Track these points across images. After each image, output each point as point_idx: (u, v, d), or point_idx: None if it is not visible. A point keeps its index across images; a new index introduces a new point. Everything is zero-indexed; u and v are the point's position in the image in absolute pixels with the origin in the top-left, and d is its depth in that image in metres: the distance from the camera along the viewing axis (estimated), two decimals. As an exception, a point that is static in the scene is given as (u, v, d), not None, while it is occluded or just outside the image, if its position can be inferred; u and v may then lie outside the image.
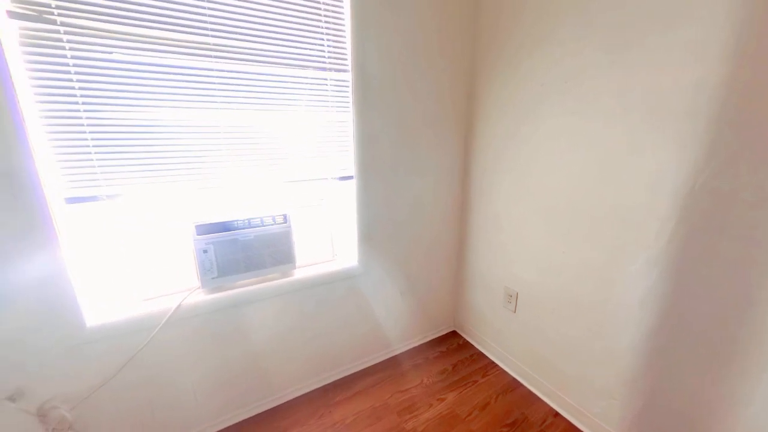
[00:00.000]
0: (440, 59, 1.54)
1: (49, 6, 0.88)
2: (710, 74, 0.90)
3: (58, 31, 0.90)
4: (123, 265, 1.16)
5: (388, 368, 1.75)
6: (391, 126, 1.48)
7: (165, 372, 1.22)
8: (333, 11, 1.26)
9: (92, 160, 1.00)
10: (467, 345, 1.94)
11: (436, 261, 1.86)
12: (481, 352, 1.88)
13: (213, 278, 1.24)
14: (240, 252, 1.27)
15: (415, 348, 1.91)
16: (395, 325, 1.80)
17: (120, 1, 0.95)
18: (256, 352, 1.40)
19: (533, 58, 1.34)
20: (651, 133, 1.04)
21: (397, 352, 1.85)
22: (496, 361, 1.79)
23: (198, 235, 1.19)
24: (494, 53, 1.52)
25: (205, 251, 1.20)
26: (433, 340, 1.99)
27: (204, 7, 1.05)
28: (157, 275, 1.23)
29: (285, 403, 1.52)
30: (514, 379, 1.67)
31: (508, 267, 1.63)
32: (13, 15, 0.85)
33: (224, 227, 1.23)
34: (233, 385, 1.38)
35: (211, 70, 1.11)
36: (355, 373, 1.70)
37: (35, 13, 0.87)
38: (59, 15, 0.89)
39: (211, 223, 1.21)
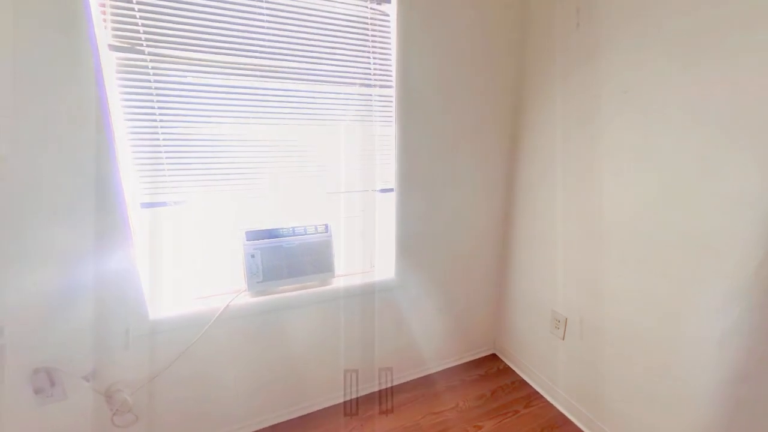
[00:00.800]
0: (484, 72, 1.51)
1: (139, 39, 1.03)
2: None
3: (145, 60, 1.04)
4: (181, 264, 1.27)
5: (422, 387, 1.69)
6: (433, 139, 1.48)
7: (211, 368, 1.30)
8: (380, 31, 1.32)
9: (164, 169, 1.13)
10: (508, 370, 1.82)
11: (475, 277, 1.79)
12: (523, 379, 1.75)
13: (258, 282, 1.31)
14: (284, 258, 1.33)
15: (450, 368, 1.83)
16: (430, 343, 1.75)
17: (195, 32, 1.08)
18: (293, 357, 1.44)
19: (587, 67, 1.27)
20: (729, 148, 0.91)
21: (432, 371, 1.79)
22: (541, 392, 1.65)
23: (247, 240, 1.27)
24: (543, 64, 1.46)
25: (252, 256, 1.28)
26: (470, 361, 1.89)
27: (264, 33, 1.15)
28: (210, 276, 1.33)
29: (317, 411, 1.53)
30: (561, 414, 1.52)
31: (556, 289, 1.52)
32: (113, 48, 1.01)
33: (271, 234, 1.30)
34: (270, 387, 1.43)
35: (267, 89, 1.20)
36: (388, 389, 1.67)
37: (129, 45, 1.02)
38: (147, 46, 1.04)
39: (259, 230, 1.29)
